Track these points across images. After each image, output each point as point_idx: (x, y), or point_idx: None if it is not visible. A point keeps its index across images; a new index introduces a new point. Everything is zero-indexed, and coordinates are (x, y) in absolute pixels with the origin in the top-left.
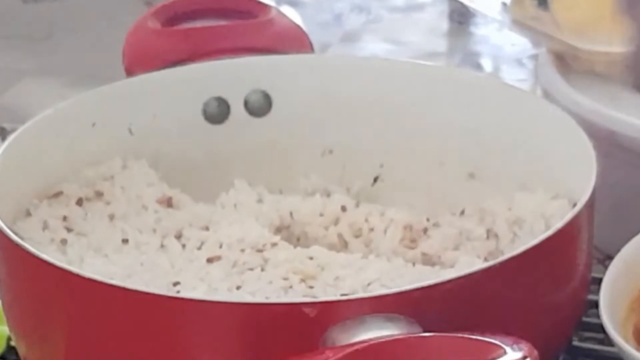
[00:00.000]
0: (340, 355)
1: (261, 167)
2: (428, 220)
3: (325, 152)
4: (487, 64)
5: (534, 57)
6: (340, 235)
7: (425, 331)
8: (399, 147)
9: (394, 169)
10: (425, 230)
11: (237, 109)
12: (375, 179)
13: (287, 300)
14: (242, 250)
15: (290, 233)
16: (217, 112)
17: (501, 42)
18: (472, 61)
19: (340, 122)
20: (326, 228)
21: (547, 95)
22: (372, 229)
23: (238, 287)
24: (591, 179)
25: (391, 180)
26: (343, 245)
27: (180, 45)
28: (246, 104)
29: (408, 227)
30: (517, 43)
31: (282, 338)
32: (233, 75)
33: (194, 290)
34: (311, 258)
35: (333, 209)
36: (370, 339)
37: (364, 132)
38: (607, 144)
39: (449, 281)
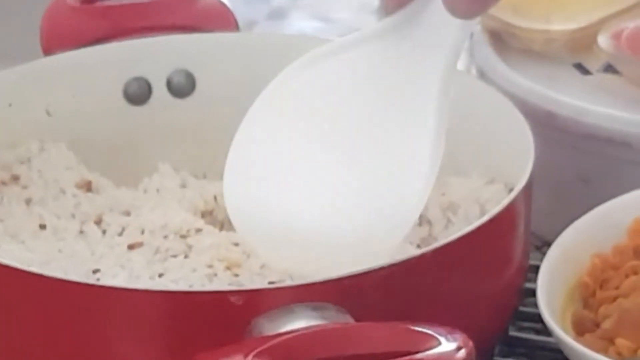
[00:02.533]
0: (266, 345)
1: (185, 150)
2: None
3: None
4: None
5: (469, 36)
6: None
7: (356, 320)
8: None
9: None
10: None
11: (159, 90)
12: None
13: (212, 288)
14: (165, 237)
15: (214, 218)
16: (139, 92)
17: None
18: None
19: None
20: None
21: (482, 74)
22: None
23: (160, 275)
24: (529, 163)
25: None
26: None
27: (100, 23)
28: (169, 84)
29: None
30: None
31: (206, 328)
32: (155, 54)
33: (114, 277)
34: (237, 244)
35: None
36: (298, 329)
37: None
38: (545, 125)
39: (380, 269)
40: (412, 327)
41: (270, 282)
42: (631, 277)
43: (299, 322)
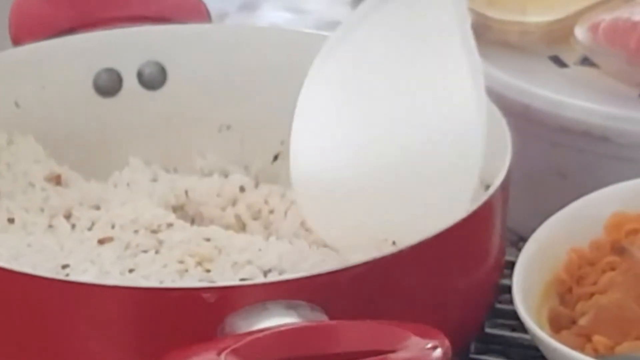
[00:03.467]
0: (240, 343)
1: (156, 143)
2: None
3: (222, 127)
4: None
5: None
6: (237, 217)
7: (331, 319)
8: None
9: None
10: None
11: (130, 81)
12: (276, 157)
13: (184, 285)
14: (136, 231)
15: (184, 213)
16: (109, 84)
17: None
18: None
19: (238, 96)
20: (223, 209)
21: None
22: (272, 211)
23: (131, 271)
24: (506, 160)
25: None
26: (241, 227)
27: (70, 13)
28: (139, 75)
29: None
30: None
31: (177, 325)
32: (126, 45)
33: (84, 273)
34: (208, 239)
35: (231, 189)
36: (272, 327)
37: (263, 107)
38: (521, 119)
39: (355, 266)
40: (387, 325)
41: (242, 279)
42: (608, 273)
43: (273, 320)
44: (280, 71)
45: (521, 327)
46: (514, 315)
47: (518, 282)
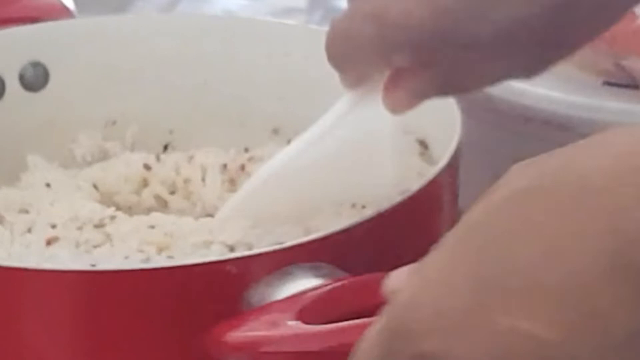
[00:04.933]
0: (307, 302)
1: (48, 143)
2: (247, 150)
3: (107, 123)
4: None
5: None
6: (157, 196)
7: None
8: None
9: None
10: (242, 168)
11: (12, 85)
12: (165, 147)
13: (205, 259)
14: (79, 228)
15: (116, 204)
16: None
17: None
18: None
19: (122, 91)
20: (137, 193)
21: None
22: (186, 180)
23: (93, 265)
24: (454, 140)
25: (183, 146)
26: (163, 205)
27: None
28: (21, 78)
29: (223, 168)
30: None
31: (202, 301)
32: (4, 48)
33: None
34: (153, 227)
35: (135, 169)
36: (321, 285)
37: (151, 100)
38: (481, 107)
39: (368, 220)
40: None
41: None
42: None
43: (299, 284)
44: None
45: None
46: None
47: None
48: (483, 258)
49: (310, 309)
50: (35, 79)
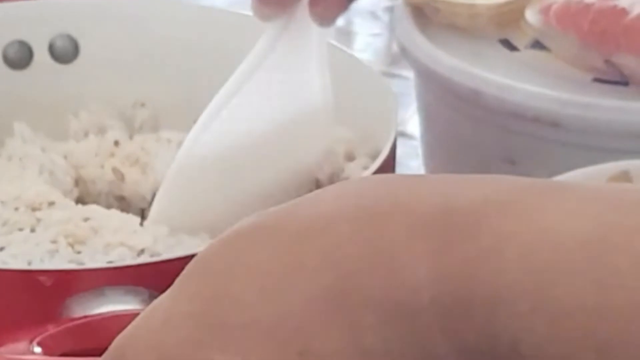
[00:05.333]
0: (58, 329)
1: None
2: None
3: (136, 104)
4: None
5: (390, 10)
6: (115, 169)
7: None
8: None
9: None
10: None
11: (41, 54)
12: None
13: (22, 267)
14: (17, 209)
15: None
16: (19, 56)
17: None
18: None
19: (153, 73)
20: (102, 166)
21: (404, 51)
22: (147, 153)
23: (2, 249)
24: (390, 136)
25: None
26: (120, 178)
27: None
28: (51, 48)
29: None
30: None
31: (20, 306)
32: (37, 17)
33: None
34: (87, 219)
35: (106, 145)
36: (104, 313)
37: (178, 84)
38: (470, 104)
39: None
40: None
41: (109, 262)
42: None
43: (109, 305)
44: (190, 46)
45: None
46: None
47: None
48: (204, 293)
49: (59, 338)
50: (64, 50)
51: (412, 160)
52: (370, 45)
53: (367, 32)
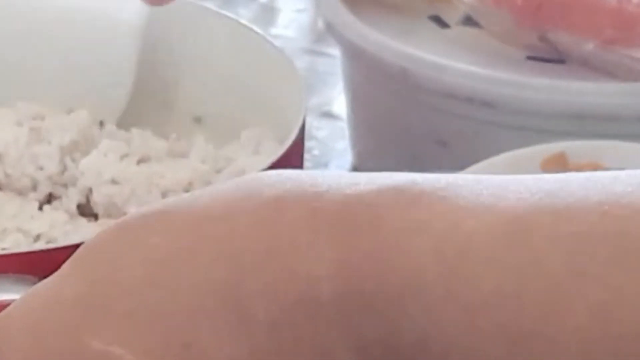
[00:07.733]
0: None
1: None
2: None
3: None
4: None
5: None
6: None
7: None
8: None
9: None
10: None
11: None
12: None
13: None
14: None
15: None
16: None
17: None
18: None
19: None
20: None
21: (330, 27)
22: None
23: None
24: (299, 119)
25: None
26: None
27: None
28: None
29: None
30: None
31: None
32: None
33: None
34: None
35: None
36: None
37: None
38: (399, 83)
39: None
40: None
41: (3, 249)
42: None
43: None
44: None
45: None
46: None
47: None
48: (89, 278)
49: None
50: None
51: (338, 142)
52: (294, 21)
53: (291, 7)
